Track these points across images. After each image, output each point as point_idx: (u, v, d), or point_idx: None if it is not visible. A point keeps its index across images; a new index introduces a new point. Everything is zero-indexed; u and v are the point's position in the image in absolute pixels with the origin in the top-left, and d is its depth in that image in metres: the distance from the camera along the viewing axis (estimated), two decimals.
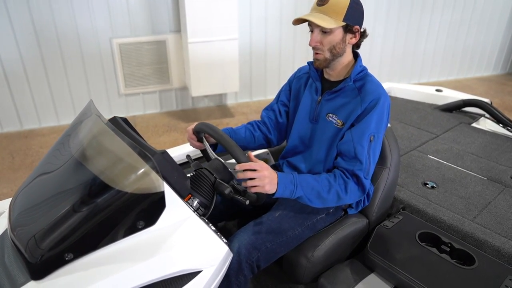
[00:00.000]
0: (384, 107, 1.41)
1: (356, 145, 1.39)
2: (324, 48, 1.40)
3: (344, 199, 1.40)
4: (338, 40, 1.38)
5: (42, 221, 1.04)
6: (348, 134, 1.42)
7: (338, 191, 1.38)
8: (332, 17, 1.34)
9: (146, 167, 1.03)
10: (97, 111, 1.23)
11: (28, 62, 3.83)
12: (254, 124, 1.74)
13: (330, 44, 1.38)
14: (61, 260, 0.97)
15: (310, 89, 1.57)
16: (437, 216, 1.74)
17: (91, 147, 1.16)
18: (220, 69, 4.07)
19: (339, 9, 1.34)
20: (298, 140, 1.61)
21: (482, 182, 2.01)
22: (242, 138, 1.69)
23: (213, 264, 1.07)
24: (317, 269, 1.51)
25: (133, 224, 1.01)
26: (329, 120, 1.48)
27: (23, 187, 1.21)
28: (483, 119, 2.85)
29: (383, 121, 1.43)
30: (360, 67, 1.45)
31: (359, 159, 1.39)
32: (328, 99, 1.49)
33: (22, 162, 3.53)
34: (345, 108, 1.44)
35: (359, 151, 1.38)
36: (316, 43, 1.39)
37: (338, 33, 1.37)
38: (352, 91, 1.44)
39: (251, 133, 1.71)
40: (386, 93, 1.43)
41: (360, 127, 1.40)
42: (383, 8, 4.90)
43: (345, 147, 1.41)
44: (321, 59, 1.42)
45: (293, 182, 1.32)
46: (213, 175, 1.33)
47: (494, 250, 1.55)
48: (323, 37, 1.38)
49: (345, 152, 1.41)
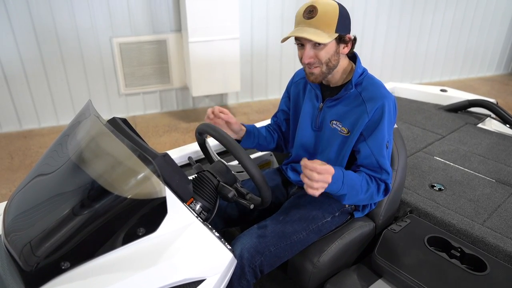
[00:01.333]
0: (391, 110, 1.37)
1: (378, 158, 1.37)
2: (321, 62, 1.33)
3: (374, 199, 1.42)
4: (332, 52, 1.32)
5: (37, 227, 1.00)
6: (365, 148, 1.38)
7: (373, 193, 1.38)
8: (325, 30, 1.27)
9: (146, 171, 0.99)
10: (95, 112, 1.18)
11: (28, 62, 3.79)
12: (270, 126, 1.74)
13: (326, 57, 1.32)
14: (57, 269, 0.92)
15: (310, 95, 1.53)
16: (445, 219, 1.69)
17: (89, 149, 1.11)
18: (221, 69, 4.03)
19: (330, 20, 1.27)
20: (301, 149, 1.57)
21: (491, 184, 1.96)
22: (264, 136, 1.67)
23: (217, 272, 1.02)
24: (323, 275, 1.46)
25: (133, 231, 0.96)
26: (334, 127, 1.44)
27: (18, 190, 1.17)
28: (489, 119, 2.80)
29: (392, 124, 1.41)
30: (360, 70, 1.40)
31: (385, 169, 1.38)
32: (330, 106, 1.45)
33: (21, 163, 3.49)
34: (350, 115, 1.39)
35: (382, 163, 1.38)
36: (310, 59, 1.32)
37: (331, 45, 1.31)
38: (355, 98, 1.39)
39: (271, 134, 1.70)
40: (389, 93, 1.38)
41: (376, 138, 1.36)
42: (385, 7, 4.85)
43: (368, 162, 1.39)
44: (317, 73, 1.36)
45: (342, 179, 1.27)
46: (216, 178, 1.29)
47: (505, 255, 1.50)
48: (317, 51, 1.31)
49: (369, 166, 1.39)
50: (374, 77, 1.42)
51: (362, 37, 4.91)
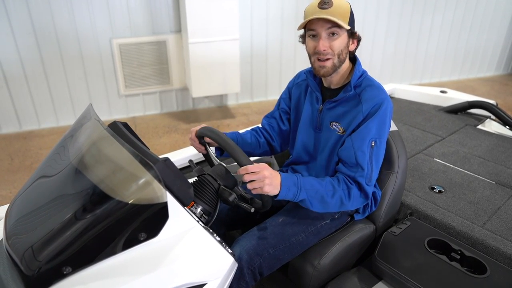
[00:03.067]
0: (386, 112, 1.37)
1: (356, 151, 1.34)
2: (334, 52, 1.34)
3: (346, 205, 1.36)
4: (345, 45, 1.35)
5: (39, 232, 1.00)
6: (348, 141, 1.37)
7: (342, 197, 1.34)
8: (340, 19, 1.29)
9: (147, 176, 0.99)
10: (96, 116, 1.18)
11: (27, 63, 3.79)
12: (258, 130, 1.71)
13: (339, 48, 1.33)
14: (58, 274, 0.92)
15: (311, 98, 1.53)
16: (445, 222, 1.69)
17: (90, 154, 1.11)
18: (220, 70, 4.03)
19: (344, 12, 1.29)
20: (302, 150, 1.57)
21: (491, 186, 1.97)
22: (248, 143, 1.65)
23: (218, 277, 1.02)
24: (324, 278, 1.47)
25: (134, 236, 0.96)
26: (333, 128, 1.45)
27: (20, 193, 1.17)
28: (488, 121, 2.80)
29: (385, 126, 1.38)
30: (359, 72, 1.41)
31: (360, 165, 1.34)
32: (329, 107, 1.45)
33: (21, 164, 3.49)
34: (347, 115, 1.40)
35: (360, 157, 1.34)
36: (325, 47, 1.32)
37: (344, 37, 1.34)
38: (353, 99, 1.40)
39: (256, 139, 1.68)
40: (388, 97, 1.39)
41: (361, 132, 1.35)
42: (385, 8, 4.85)
43: (346, 154, 1.37)
44: (329, 66, 1.35)
45: (297, 184, 1.27)
46: (216, 181, 1.29)
47: (506, 258, 1.51)
48: (331, 41, 1.32)
49: (346, 159, 1.37)
50: (373, 79, 1.43)
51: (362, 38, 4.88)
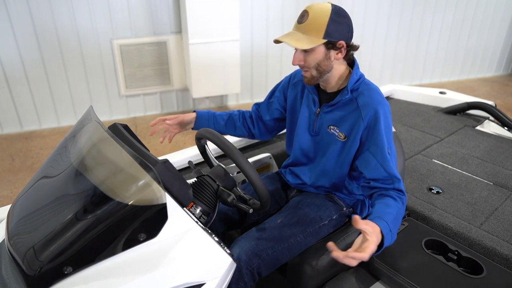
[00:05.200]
0: (386, 116, 1.39)
1: (384, 165, 1.37)
2: (309, 66, 1.37)
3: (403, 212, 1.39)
4: (321, 57, 1.35)
5: (40, 232, 1.02)
6: (371, 159, 1.38)
7: (402, 210, 1.36)
8: (312, 35, 1.30)
9: (147, 178, 1.00)
10: (97, 118, 1.20)
11: (28, 63, 3.80)
12: (241, 114, 1.77)
13: (314, 62, 1.35)
14: (59, 274, 0.94)
15: (307, 100, 1.54)
16: (443, 222, 1.71)
17: (90, 156, 1.13)
18: (221, 70, 4.04)
19: (319, 25, 1.30)
20: (300, 153, 1.59)
21: (488, 187, 1.98)
22: (222, 125, 1.74)
23: (216, 277, 1.04)
24: (322, 278, 1.48)
25: (134, 237, 0.98)
26: (331, 132, 1.46)
27: (22, 194, 1.18)
28: (487, 122, 2.81)
29: (390, 129, 1.41)
30: (357, 76, 1.42)
31: (393, 175, 1.37)
32: (327, 111, 1.47)
33: (22, 164, 3.50)
34: (346, 120, 1.42)
35: (389, 169, 1.36)
36: (299, 62, 1.38)
37: (319, 50, 1.34)
38: (350, 103, 1.41)
39: (233, 122, 1.75)
40: (384, 99, 1.41)
41: (377, 146, 1.37)
42: (385, 8, 4.86)
43: (378, 175, 1.38)
44: (308, 77, 1.41)
45: (388, 227, 1.23)
46: (215, 182, 1.31)
47: (502, 259, 1.52)
48: (305, 55, 1.36)
49: (378, 176, 1.38)
50: (370, 83, 1.44)
51: (362, 38, 4.92)
